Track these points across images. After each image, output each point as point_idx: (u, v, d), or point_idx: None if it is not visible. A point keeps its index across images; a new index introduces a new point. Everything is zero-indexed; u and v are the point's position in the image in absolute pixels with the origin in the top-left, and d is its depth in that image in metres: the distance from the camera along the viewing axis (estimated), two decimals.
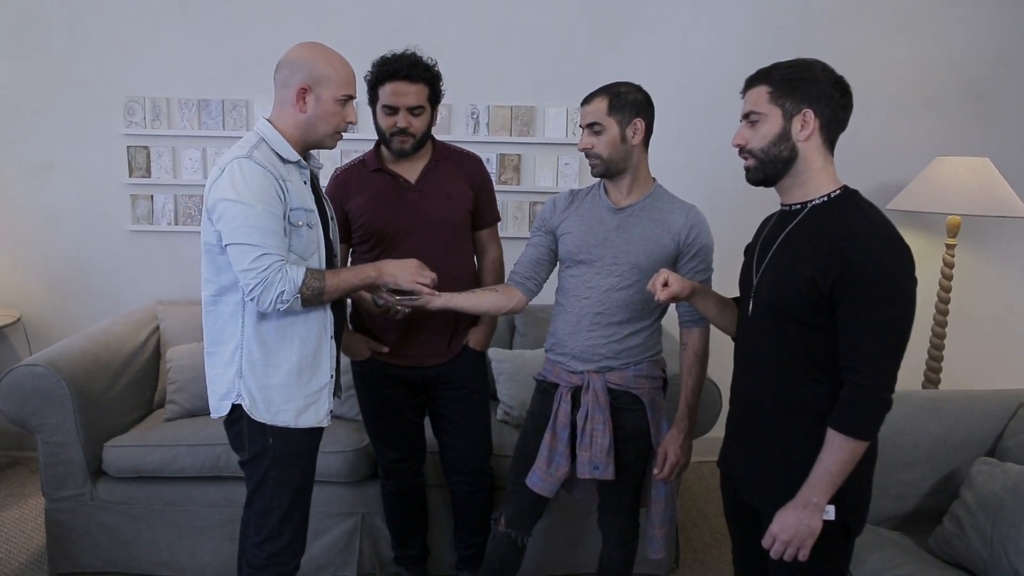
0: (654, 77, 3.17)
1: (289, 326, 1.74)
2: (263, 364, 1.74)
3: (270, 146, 1.72)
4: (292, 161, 1.75)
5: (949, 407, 2.16)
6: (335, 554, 2.52)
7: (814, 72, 1.42)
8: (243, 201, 1.62)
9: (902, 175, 3.23)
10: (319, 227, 1.79)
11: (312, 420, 1.80)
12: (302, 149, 1.78)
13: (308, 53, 1.74)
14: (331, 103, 1.73)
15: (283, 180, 1.69)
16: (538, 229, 2.00)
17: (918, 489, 2.10)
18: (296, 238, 1.72)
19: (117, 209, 3.28)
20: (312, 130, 1.75)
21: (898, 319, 1.35)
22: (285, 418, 1.76)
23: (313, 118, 1.74)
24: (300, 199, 1.73)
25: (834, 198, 1.44)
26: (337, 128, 1.78)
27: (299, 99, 1.72)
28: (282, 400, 1.75)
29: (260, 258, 1.62)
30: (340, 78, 1.74)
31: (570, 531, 2.50)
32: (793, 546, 1.43)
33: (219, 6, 3.15)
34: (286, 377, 1.75)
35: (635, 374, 1.85)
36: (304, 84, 1.71)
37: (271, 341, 1.74)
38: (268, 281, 1.62)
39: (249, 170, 1.64)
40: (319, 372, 1.81)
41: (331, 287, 1.72)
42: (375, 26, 3.13)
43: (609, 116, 1.78)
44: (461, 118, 3.25)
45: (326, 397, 1.84)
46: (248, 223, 1.62)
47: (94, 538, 2.49)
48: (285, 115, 1.75)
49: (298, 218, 1.72)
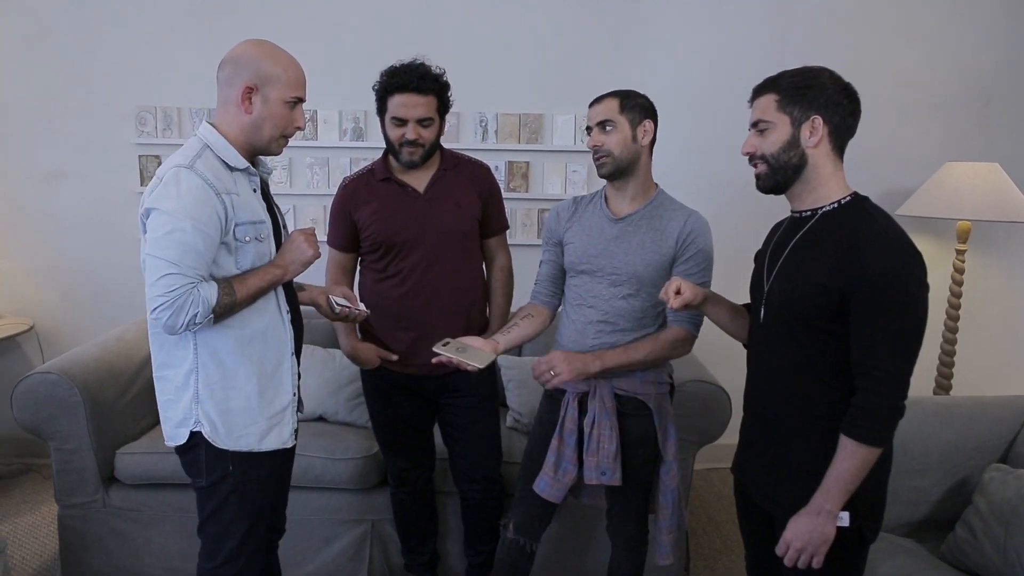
0: (662, 84, 3.20)
1: (247, 345, 1.65)
2: (222, 387, 1.64)
3: (215, 153, 1.61)
4: (240, 168, 1.64)
5: (960, 413, 2.15)
6: (345, 561, 2.53)
7: (821, 79, 1.43)
8: (173, 214, 1.51)
9: (911, 181, 3.23)
10: (271, 239, 1.70)
11: (276, 442, 1.72)
12: (248, 154, 1.67)
13: (256, 50, 1.63)
14: (279, 105, 1.63)
15: (228, 194, 1.58)
16: (547, 243, 2.01)
17: (930, 496, 2.09)
18: (242, 254, 1.62)
19: (129, 217, 3.29)
20: (258, 133, 1.64)
21: (911, 326, 1.35)
22: (249, 442, 1.67)
23: (259, 120, 1.63)
24: (249, 211, 1.63)
25: (844, 204, 1.45)
26: (284, 132, 1.68)
27: (244, 99, 1.61)
28: (244, 424, 1.67)
29: (170, 277, 1.50)
30: (290, 78, 1.64)
31: (579, 538, 2.50)
32: (807, 553, 1.43)
33: (228, 16, 3.17)
34: (247, 399, 1.66)
35: (642, 380, 1.85)
36: (250, 83, 1.60)
37: (229, 363, 1.64)
38: (178, 304, 1.50)
39: (187, 182, 1.53)
40: (281, 391, 1.73)
41: (241, 298, 1.60)
42: (383, 35, 3.15)
43: (621, 115, 1.80)
44: (469, 126, 3.26)
45: (289, 416, 1.76)
46: (171, 237, 1.51)
47: (106, 544, 2.50)
48: (229, 117, 1.64)
49: (245, 233, 1.61)
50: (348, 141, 3.26)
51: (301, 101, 1.69)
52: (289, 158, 3.27)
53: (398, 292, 2.13)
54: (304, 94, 1.70)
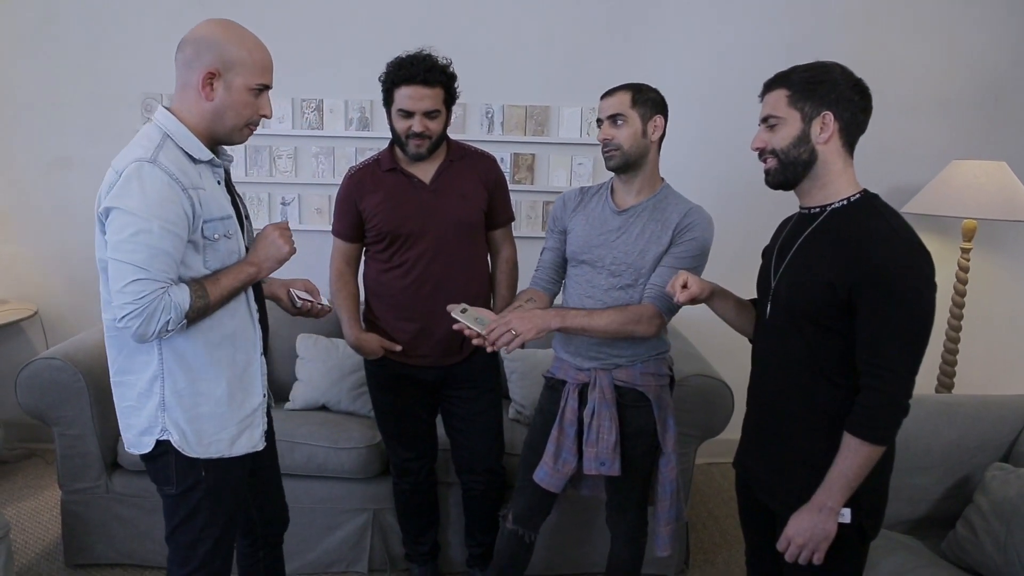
0: (670, 78, 3.17)
1: (216, 348, 1.56)
2: (190, 393, 1.55)
3: (177, 144, 1.49)
4: (204, 160, 1.53)
5: (963, 411, 2.15)
6: (347, 550, 2.54)
7: (833, 75, 1.42)
8: (137, 214, 1.39)
9: (918, 178, 3.22)
10: (238, 235, 1.60)
11: (247, 446, 1.64)
12: (210, 143, 1.55)
13: (219, 32, 1.50)
14: (243, 92, 1.50)
15: (195, 189, 1.47)
16: (551, 230, 2.02)
17: (931, 494, 2.09)
18: (212, 253, 1.52)
19: None
20: (219, 122, 1.52)
21: (918, 324, 1.35)
22: (219, 448, 1.59)
23: (221, 107, 1.50)
24: (217, 207, 1.52)
25: (854, 202, 1.44)
26: (249, 121, 1.56)
27: (205, 84, 1.48)
28: (215, 430, 1.58)
29: (139, 283, 1.39)
30: (255, 63, 1.51)
31: (580, 530, 2.51)
32: (808, 549, 1.43)
33: (236, 5, 3.16)
34: (217, 404, 1.58)
35: (642, 371, 1.86)
36: (212, 68, 1.47)
37: (197, 367, 1.55)
38: (149, 312, 1.40)
39: (151, 177, 1.41)
40: (251, 393, 1.65)
41: (215, 300, 1.51)
42: (391, 26, 3.14)
43: (632, 109, 1.80)
44: (476, 117, 3.26)
45: (260, 418, 1.68)
46: (137, 239, 1.39)
47: (109, 530, 2.51)
48: (188, 103, 1.51)
49: (214, 231, 1.51)
50: (354, 131, 3.25)
51: (267, 88, 1.56)
52: (295, 147, 3.27)
53: (402, 283, 2.14)
54: (270, 80, 1.57)
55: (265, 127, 3.23)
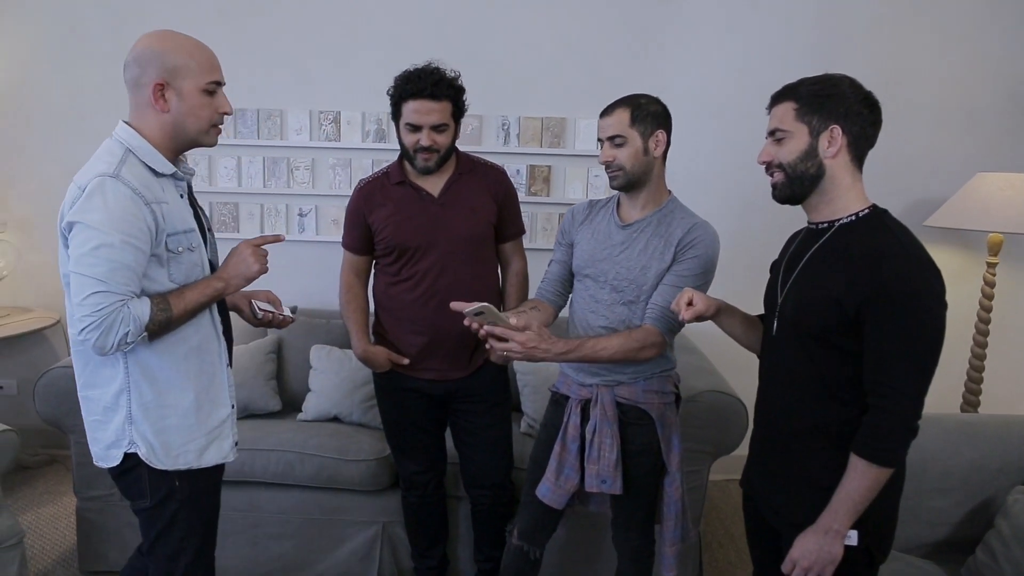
0: (686, 89, 3.17)
1: (182, 360, 1.57)
2: (157, 406, 1.56)
3: (139, 158, 1.50)
4: (166, 174, 1.54)
5: (985, 432, 2.08)
6: (356, 562, 2.53)
7: (842, 88, 1.39)
8: (99, 228, 1.41)
9: (942, 191, 3.14)
10: (202, 248, 1.61)
11: (216, 457, 1.65)
12: (174, 154, 1.57)
13: (156, 43, 1.51)
14: (197, 95, 1.51)
15: (157, 203, 1.48)
16: (559, 243, 2.00)
17: (951, 517, 2.03)
18: (176, 266, 1.53)
19: None
20: (182, 130, 1.53)
21: (927, 343, 1.32)
22: (187, 460, 1.60)
23: (179, 116, 1.51)
24: (180, 220, 1.54)
25: (862, 217, 1.41)
26: (212, 121, 1.56)
27: (157, 97, 1.49)
28: (182, 441, 1.59)
29: (98, 295, 1.41)
30: (200, 64, 1.52)
31: (588, 547, 2.47)
32: (814, 572, 1.40)
33: (255, 17, 3.21)
34: (184, 416, 1.59)
35: (644, 389, 1.83)
36: (159, 79, 1.48)
37: (163, 380, 1.56)
38: (107, 324, 1.41)
39: (113, 192, 1.43)
40: (219, 404, 1.65)
41: (178, 314, 1.51)
42: (408, 39, 3.16)
43: (632, 128, 1.76)
44: (492, 129, 3.26)
45: (229, 429, 1.69)
46: (98, 253, 1.41)
47: (122, 538, 2.53)
48: (147, 118, 1.52)
49: (178, 243, 1.52)
50: (371, 142, 3.27)
51: (220, 85, 1.57)
52: (312, 159, 3.29)
53: (411, 296, 2.13)
54: (221, 77, 1.57)
55: (283, 139, 3.27)
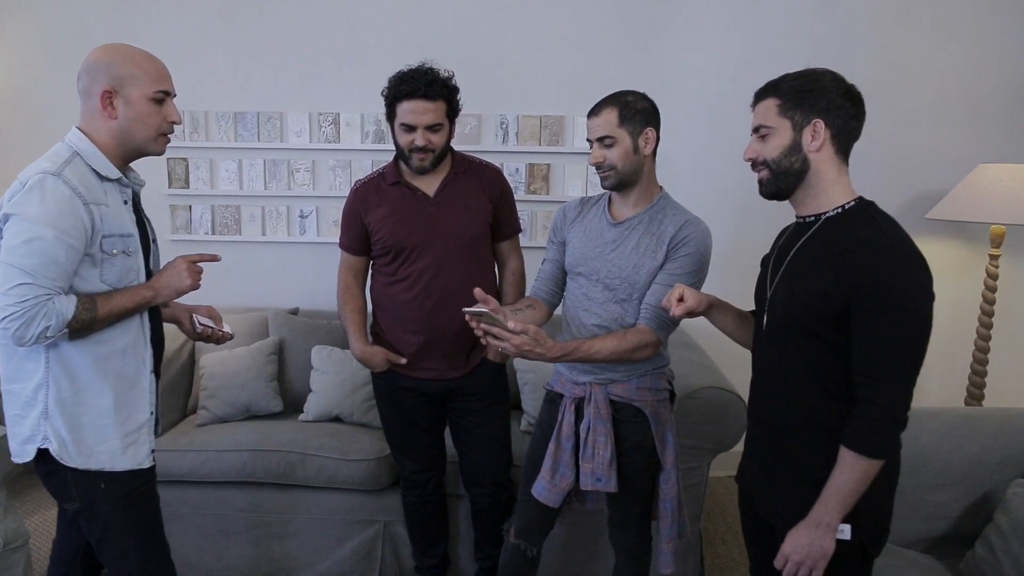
0: (686, 86, 3.16)
1: (104, 361, 1.59)
2: (74, 403, 1.57)
3: (85, 161, 1.55)
4: (111, 179, 1.59)
5: (985, 425, 2.07)
6: (357, 561, 2.55)
7: (823, 82, 1.39)
8: (34, 221, 1.45)
9: (944, 183, 3.12)
10: (139, 254, 1.64)
11: (131, 462, 1.64)
12: (122, 161, 1.62)
13: (106, 55, 1.58)
14: (144, 103, 1.57)
15: (96, 205, 1.52)
16: (551, 241, 2.00)
17: (950, 511, 2.01)
18: (108, 267, 1.56)
19: (157, 219, 3.34)
20: (129, 137, 1.59)
21: (914, 335, 1.31)
22: (100, 460, 1.60)
23: (127, 123, 1.58)
24: (118, 224, 1.57)
25: (849, 210, 1.41)
26: (159, 130, 1.62)
27: (105, 105, 1.56)
28: (96, 441, 1.60)
29: (24, 287, 1.44)
30: (148, 74, 1.58)
31: (588, 546, 2.47)
32: (806, 567, 1.39)
33: (255, 21, 3.23)
34: (100, 416, 1.60)
35: (638, 386, 1.82)
36: (107, 87, 1.55)
37: (83, 377, 1.58)
38: (29, 316, 1.44)
39: (53, 189, 1.47)
40: (137, 410, 1.66)
41: (103, 315, 1.53)
42: (406, 40, 3.17)
43: (620, 128, 1.76)
44: (490, 128, 3.26)
45: (146, 436, 1.68)
46: (30, 245, 1.45)
47: None
48: (96, 124, 1.58)
49: (112, 246, 1.55)
50: (370, 144, 3.28)
51: (168, 95, 1.62)
52: (312, 160, 3.31)
53: (407, 296, 2.14)
54: (169, 87, 1.62)
55: (283, 141, 3.28)
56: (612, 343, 1.74)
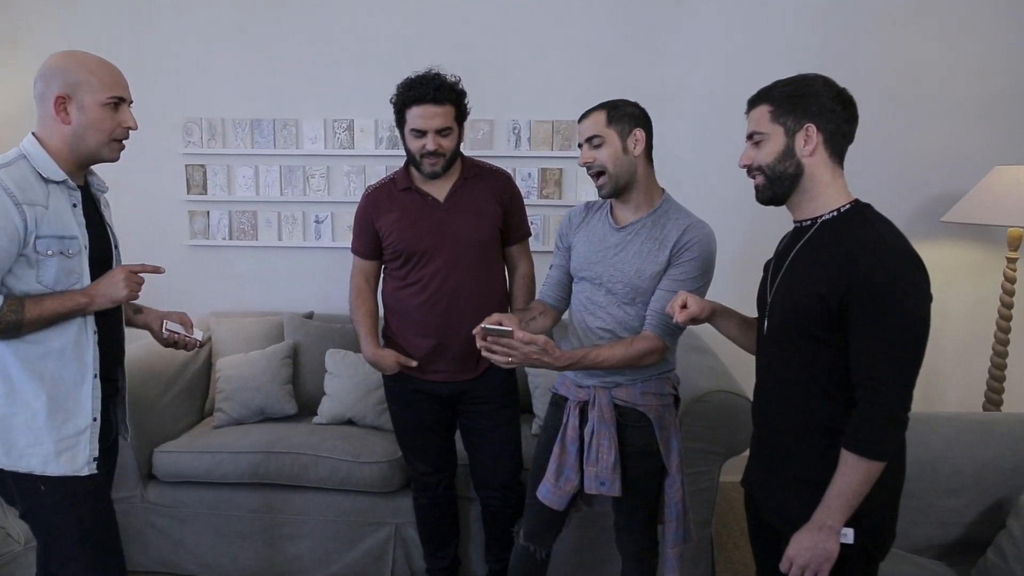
0: (697, 89, 3.16)
1: (39, 361, 1.58)
2: (6, 403, 1.57)
3: (31, 163, 1.57)
4: (56, 181, 1.58)
5: (999, 430, 2.05)
6: (369, 563, 2.57)
7: (815, 87, 1.41)
8: None
9: (960, 185, 3.09)
10: (82, 256, 1.61)
11: (66, 468, 1.60)
12: (75, 166, 1.63)
13: (61, 61, 1.59)
14: (97, 109, 1.59)
15: (32, 205, 1.52)
16: (558, 247, 2.02)
17: (962, 517, 2.00)
18: (45, 269, 1.55)
19: (176, 224, 3.44)
20: (82, 142, 1.60)
21: (911, 335, 1.31)
22: (31, 463, 1.58)
23: (80, 128, 1.59)
24: (57, 226, 1.56)
25: (844, 212, 1.42)
26: (112, 135, 1.63)
27: (59, 110, 1.57)
28: (27, 443, 1.57)
29: None
30: (102, 80, 1.59)
31: (598, 550, 2.47)
32: (810, 570, 1.39)
33: (271, 31, 3.28)
34: (33, 418, 1.57)
35: (642, 391, 1.83)
36: (61, 93, 1.57)
37: (16, 378, 1.57)
38: None
39: None
40: (76, 415, 1.62)
41: (31, 319, 1.53)
42: (418, 46, 3.20)
43: (608, 127, 1.78)
44: (503, 133, 3.28)
45: (86, 442, 1.63)
46: None
47: (145, 538, 2.61)
48: (49, 130, 1.60)
49: (47, 247, 1.54)
50: (384, 149, 3.32)
51: (123, 101, 1.64)
52: (327, 166, 3.35)
53: (418, 300, 2.17)
54: (124, 93, 1.64)
55: (299, 148, 3.33)
56: (619, 351, 1.75)
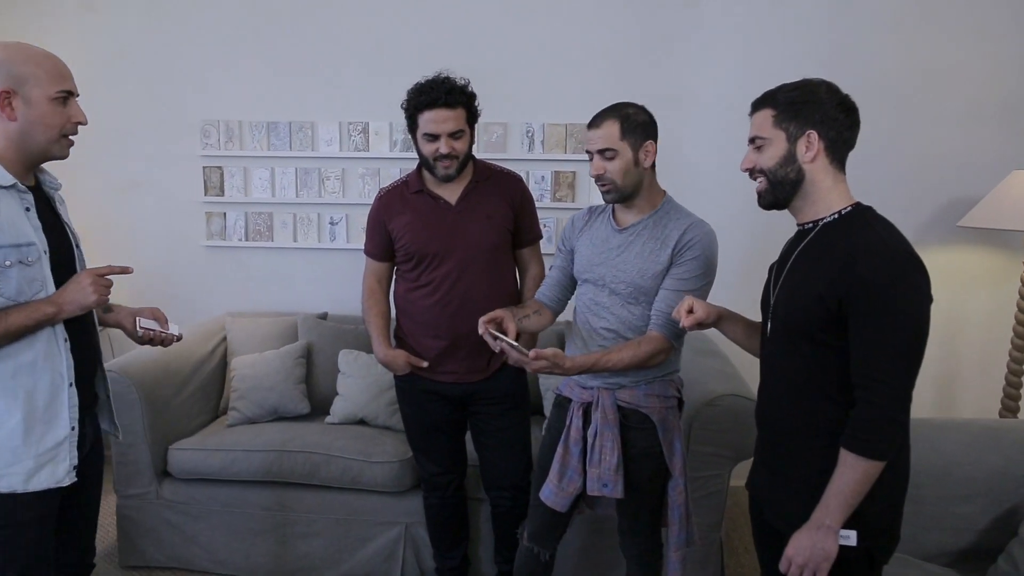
0: (709, 92, 3.16)
1: (11, 378, 1.50)
2: None
3: None
4: (5, 186, 1.48)
5: (1011, 437, 2.03)
6: (379, 562, 2.59)
7: (818, 94, 1.42)
8: None
9: (977, 190, 3.05)
10: (42, 262, 1.53)
11: (48, 481, 1.54)
12: (24, 167, 1.54)
13: (3, 53, 1.48)
14: (45, 103, 1.49)
15: None
16: (560, 249, 2.04)
17: (973, 524, 1.98)
18: (4, 280, 1.47)
19: (193, 225, 3.49)
20: (30, 140, 1.51)
21: (908, 337, 1.32)
22: (12, 483, 1.51)
23: (27, 125, 1.49)
24: (12, 233, 1.47)
25: (845, 215, 1.43)
26: (63, 131, 1.54)
27: (4, 105, 1.47)
28: (6, 463, 1.50)
29: None
30: (48, 73, 1.49)
31: (605, 553, 2.47)
32: (808, 570, 1.39)
33: (288, 35, 3.32)
34: (10, 436, 1.50)
35: (646, 393, 1.83)
36: (4, 87, 1.46)
37: None
38: None
39: None
40: (55, 426, 1.56)
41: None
42: (435, 48, 3.22)
43: (622, 140, 1.77)
44: (516, 136, 3.30)
45: (66, 452, 1.57)
46: None
47: (159, 534, 2.65)
48: None
49: (4, 257, 1.46)
50: (398, 152, 3.35)
51: (71, 95, 1.55)
52: (342, 169, 3.38)
53: (429, 301, 2.19)
54: (71, 87, 1.55)
55: (314, 150, 3.36)
56: (628, 353, 1.76)
